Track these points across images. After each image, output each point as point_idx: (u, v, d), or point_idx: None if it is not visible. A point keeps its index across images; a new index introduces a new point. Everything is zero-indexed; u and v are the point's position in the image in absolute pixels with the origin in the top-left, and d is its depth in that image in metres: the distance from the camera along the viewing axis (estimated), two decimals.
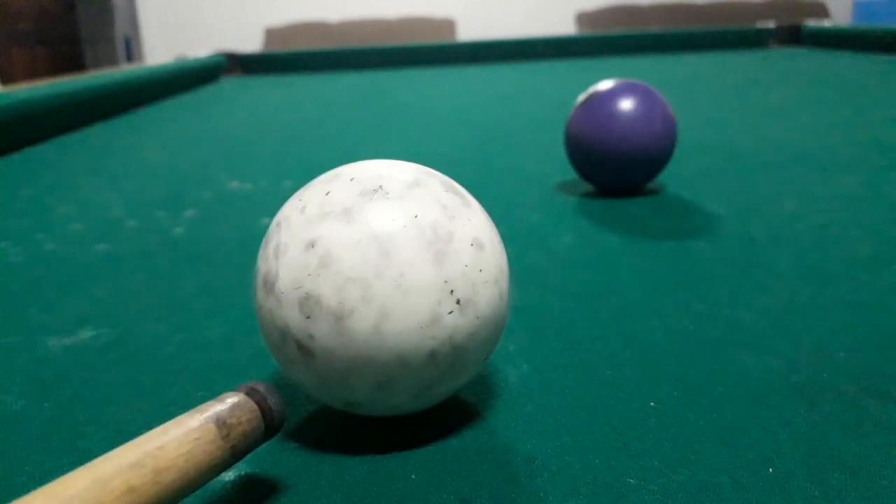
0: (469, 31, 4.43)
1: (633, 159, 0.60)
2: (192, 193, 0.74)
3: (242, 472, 0.28)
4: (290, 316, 0.27)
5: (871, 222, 0.55)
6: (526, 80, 1.76)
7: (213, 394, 0.34)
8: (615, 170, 0.61)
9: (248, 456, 0.29)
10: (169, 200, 0.72)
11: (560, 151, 0.88)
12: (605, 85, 0.62)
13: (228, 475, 0.28)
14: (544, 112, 1.22)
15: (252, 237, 0.58)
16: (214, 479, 0.27)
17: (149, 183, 0.80)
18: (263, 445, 0.29)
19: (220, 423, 0.23)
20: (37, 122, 1.11)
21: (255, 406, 0.24)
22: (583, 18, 4.26)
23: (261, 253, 0.29)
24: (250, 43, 4.36)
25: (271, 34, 4.23)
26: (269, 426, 0.24)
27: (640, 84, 0.62)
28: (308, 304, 0.26)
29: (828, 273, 0.45)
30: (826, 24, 2.38)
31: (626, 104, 0.60)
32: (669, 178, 0.71)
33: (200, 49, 4.31)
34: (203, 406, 0.23)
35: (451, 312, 0.26)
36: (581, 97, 0.63)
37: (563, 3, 4.48)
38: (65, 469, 0.29)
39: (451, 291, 0.26)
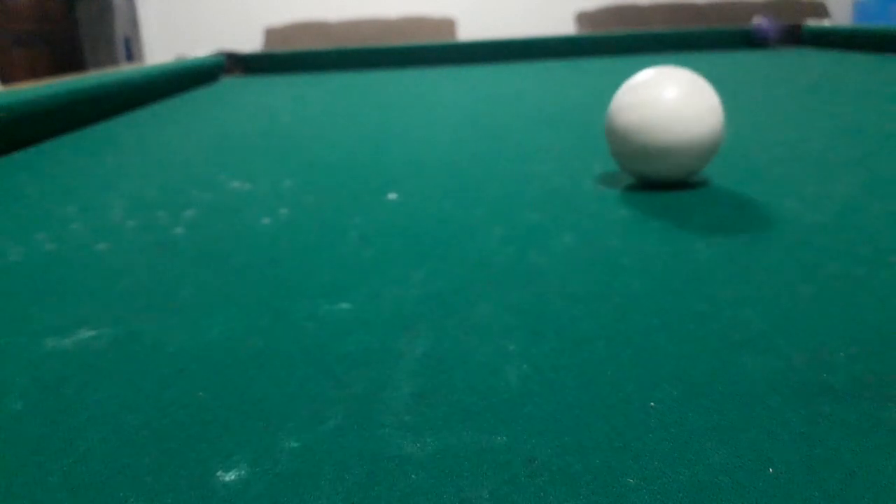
0: (469, 30, 4.43)
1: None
2: (192, 193, 0.74)
3: (242, 472, 0.28)
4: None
5: (870, 222, 0.55)
6: (526, 80, 1.76)
7: (213, 394, 0.34)
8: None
9: (248, 456, 0.29)
10: (169, 200, 0.72)
11: (559, 152, 0.88)
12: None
13: (229, 475, 0.28)
14: (544, 112, 1.22)
15: (252, 237, 0.58)
16: (214, 479, 0.27)
17: (149, 183, 0.80)
18: (261, 445, 0.29)
19: None
20: (37, 122, 1.11)
21: None
22: (583, 18, 4.26)
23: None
24: (250, 43, 4.36)
25: (271, 34, 4.22)
26: None
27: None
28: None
29: (828, 273, 0.45)
30: (826, 23, 2.38)
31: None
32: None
33: (200, 49, 4.31)
34: None
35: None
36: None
37: (563, 3, 4.48)
38: (65, 469, 0.29)
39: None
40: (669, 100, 0.61)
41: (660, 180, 0.66)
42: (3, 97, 1.02)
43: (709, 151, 0.63)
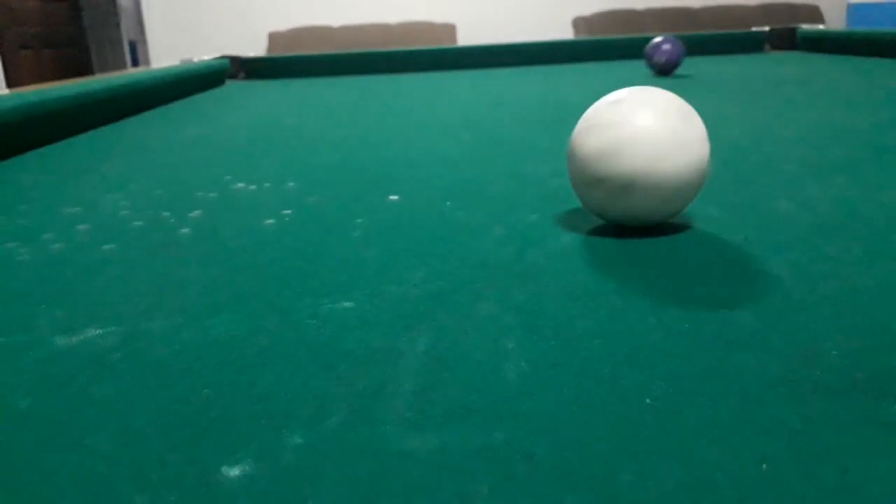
0: (469, 35, 4.45)
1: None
2: (197, 194, 0.75)
3: (247, 468, 0.28)
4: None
5: (863, 223, 0.55)
6: (524, 84, 1.77)
7: (219, 392, 0.34)
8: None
9: (252, 452, 0.29)
10: (175, 201, 0.72)
11: (557, 153, 0.89)
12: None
13: (233, 471, 0.28)
14: (543, 115, 1.23)
15: (257, 237, 0.59)
16: (219, 475, 0.28)
17: (155, 184, 0.81)
18: (266, 442, 0.30)
19: None
20: (43, 125, 1.12)
21: None
22: (580, 23, 4.27)
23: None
24: (254, 47, 4.38)
25: (275, 38, 4.24)
26: None
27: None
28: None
29: (820, 272, 0.46)
30: (820, 28, 2.39)
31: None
32: None
33: (205, 53, 4.33)
34: None
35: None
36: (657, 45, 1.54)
37: (561, 9, 4.49)
38: (71, 467, 0.29)
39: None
40: (643, 129, 0.50)
41: (628, 224, 0.55)
42: (9, 99, 1.03)
43: (685, 200, 0.52)
